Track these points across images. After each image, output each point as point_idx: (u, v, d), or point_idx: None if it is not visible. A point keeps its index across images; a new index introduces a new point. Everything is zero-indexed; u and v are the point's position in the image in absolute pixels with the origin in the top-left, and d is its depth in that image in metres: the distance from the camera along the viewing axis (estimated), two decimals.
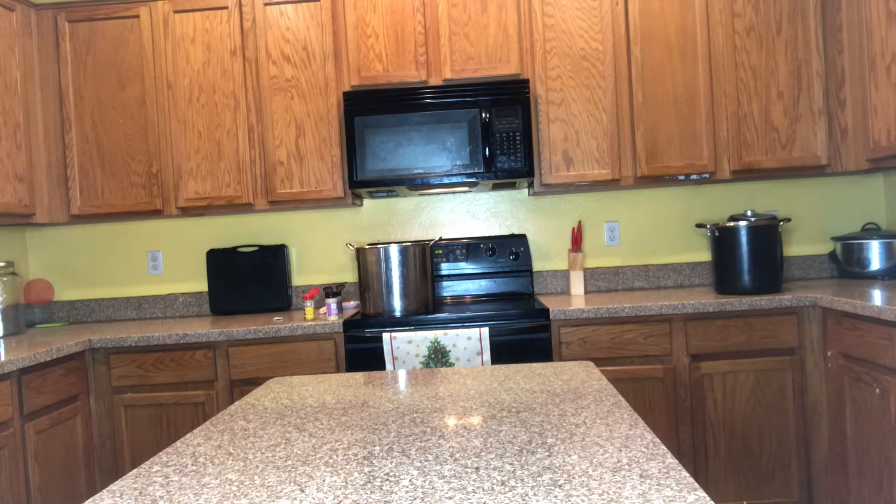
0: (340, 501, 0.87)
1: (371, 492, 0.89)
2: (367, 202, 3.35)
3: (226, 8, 3.01)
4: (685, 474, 0.88)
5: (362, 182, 2.88)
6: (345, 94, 2.88)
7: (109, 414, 2.73)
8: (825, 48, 2.88)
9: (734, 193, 3.27)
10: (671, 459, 0.94)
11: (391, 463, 1.00)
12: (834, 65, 2.84)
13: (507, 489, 0.87)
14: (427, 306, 2.80)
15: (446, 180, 2.85)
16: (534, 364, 1.67)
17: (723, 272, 2.80)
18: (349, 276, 3.36)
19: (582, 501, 0.82)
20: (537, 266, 3.32)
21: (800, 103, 2.90)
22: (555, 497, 0.83)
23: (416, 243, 2.79)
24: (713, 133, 2.92)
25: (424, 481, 0.92)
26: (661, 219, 3.30)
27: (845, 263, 3.04)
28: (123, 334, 2.73)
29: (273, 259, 3.25)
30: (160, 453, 1.12)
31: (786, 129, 2.90)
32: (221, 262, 3.26)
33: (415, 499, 0.86)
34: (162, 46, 3.02)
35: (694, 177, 2.94)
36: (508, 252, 3.20)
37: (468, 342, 2.57)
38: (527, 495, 0.84)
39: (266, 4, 2.99)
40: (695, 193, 3.28)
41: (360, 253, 2.81)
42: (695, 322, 2.63)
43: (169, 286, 3.40)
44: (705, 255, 3.29)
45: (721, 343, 2.62)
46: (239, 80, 3.00)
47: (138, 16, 3.02)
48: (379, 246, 2.77)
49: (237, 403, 1.46)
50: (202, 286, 3.39)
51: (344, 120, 2.96)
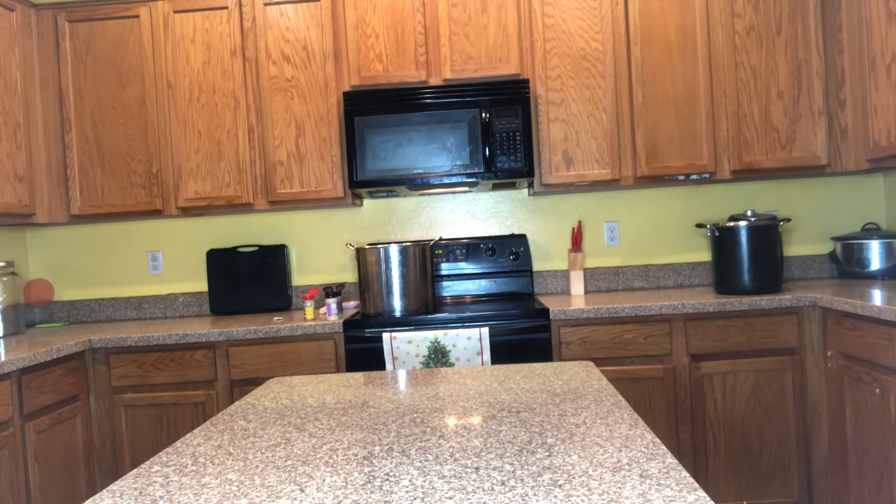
0: (340, 501, 0.87)
1: (371, 492, 0.89)
2: (367, 202, 3.35)
3: (226, 8, 3.01)
4: (685, 474, 0.88)
5: (362, 182, 2.88)
6: (345, 94, 2.88)
7: (109, 414, 2.73)
8: (825, 48, 2.88)
9: (734, 193, 3.27)
10: (671, 459, 0.94)
11: (391, 463, 1.00)
12: (834, 65, 2.84)
13: (507, 489, 0.87)
14: (427, 306, 2.81)
15: (446, 180, 2.85)
16: (534, 364, 1.67)
17: (723, 272, 2.80)
18: (349, 276, 3.36)
19: (582, 501, 0.82)
20: (537, 266, 3.32)
21: (800, 103, 2.90)
22: (555, 497, 0.83)
23: (416, 243, 2.79)
24: (713, 133, 2.92)
25: (424, 481, 0.92)
26: (661, 219, 3.30)
27: (845, 263, 3.04)
28: (123, 334, 2.73)
29: (273, 259, 3.25)
30: (160, 453, 1.12)
31: (786, 129, 2.90)
32: (221, 262, 3.26)
33: (415, 499, 0.86)
34: (162, 46, 3.02)
35: (694, 177, 2.94)
36: (508, 252, 3.20)
37: (468, 342, 2.57)
38: (527, 495, 0.84)
39: (266, 4, 2.99)
40: (695, 193, 3.28)
41: (360, 253, 2.81)
42: (695, 322, 2.63)
43: (169, 286, 3.40)
44: (705, 255, 3.29)
45: (721, 343, 2.62)
46: (239, 80, 3.01)
47: (138, 16, 3.03)
48: (379, 246, 2.77)
49: (237, 403, 1.46)
50: (202, 286, 3.39)
51: (344, 120, 2.96)
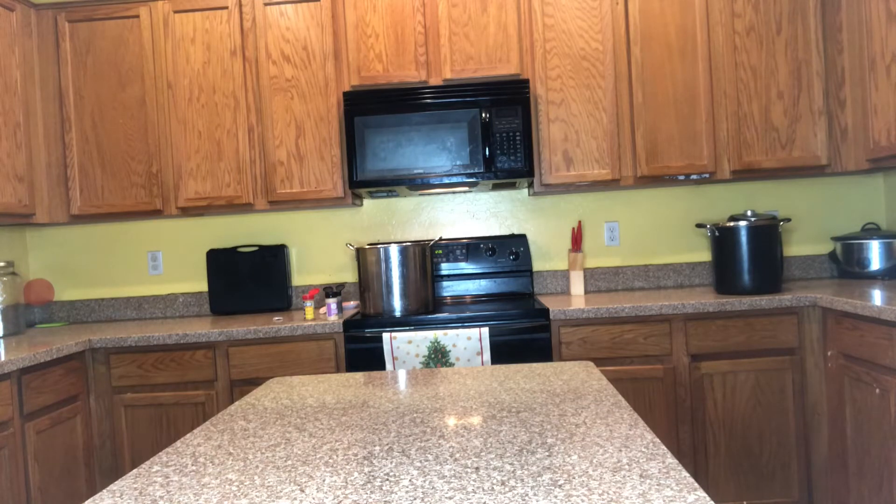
0: (340, 501, 0.87)
1: (371, 492, 0.89)
2: (367, 202, 3.35)
3: (226, 8, 3.01)
4: (685, 474, 0.88)
5: (362, 182, 2.88)
6: (345, 94, 2.88)
7: (109, 414, 2.73)
8: (825, 48, 2.88)
9: (734, 193, 3.27)
10: (671, 459, 0.94)
11: (391, 463, 1.00)
12: (834, 65, 2.84)
13: (507, 489, 0.87)
14: (427, 306, 2.80)
15: (446, 180, 2.85)
16: (534, 364, 1.67)
17: (723, 272, 2.80)
18: (349, 276, 3.36)
19: (582, 501, 0.82)
20: (537, 266, 3.32)
21: (800, 103, 2.90)
22: (555, 497, 0.83)
23: (416, 243, 2.79)
24: (713, 133, 2.92)
25: (424, 481, 0.92)
26: (661, 219, 3.30)
27: (845, 263, 3.04)
28: (123, 334, 2.73)
29: (273, 259, 3.25)
30: (160, 453, 1.12)
31: (786, 129, 2.90)
32: (221, 262, 3.26)
33: (415, 499, 0.86)
34: (162, 46, 3.02)
35: (694, 177, 2.94)
36: (508, 252, 3.20)
37: (468, 342, 2.57)
38: (527, 495, 0.84)
39: (266, 4, 2.99)
40: (695, 193, 3.28)
41: (360, 253, 2.81)
42: (695, 322, 2.63)
43: (169, 286, 3.40)
44: (705, 255, 3.29)
45: (721, 343, 2.62)
46: (239, 80, 3.01)
47: (138, 16, 3.03)
48: (379, 246, 2.77)
49: (237, 403, 1.46)
50: (202, 286, 3.39)
51: (344, 120, 2.96)
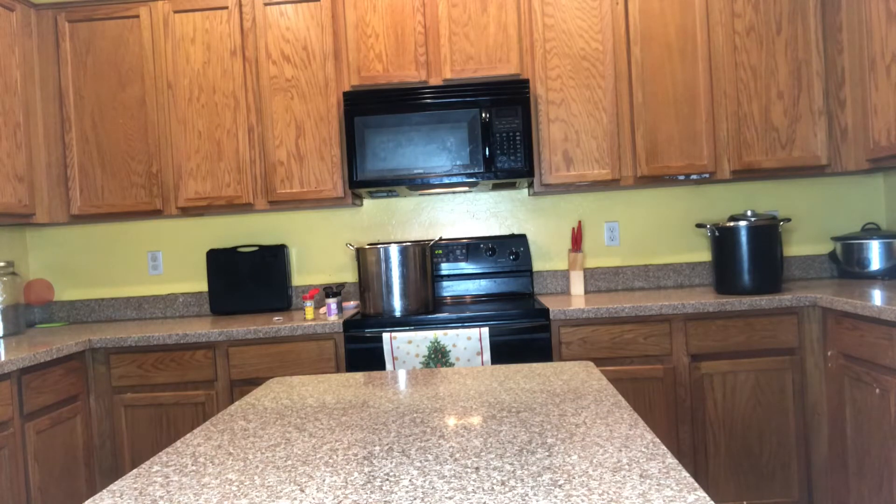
0: (340, 501, 0.87)
1: (371, 492, 0.89)
2: (367, 202, 3.35)
3: (226, 8, 3.01)
4: (685, 474, 0.88)
5: (362, 182, 2.88)
6: (345, 94, 2.88)
7: (109, 414, 2.73)
8: (825, 48, 2.88)
9: (734, 193, 3.27)
10: (671, 459, 0.94)
11: (391, 463, 1.00)
12: (834, 65, 2.84)
13: (507, 489, 0.87)
14: (427, 306, 2.80)
15: (446, 180, 2.85)
16: (534, 364, 1.67)
17: (723, 272, 2.80)
18: (349, 276, 3.36)
19: (582, 501, 0.82)
20: (537, 266, 3.32)
21: (800, 103, 2.90)
22: (555, 497, 0.83)
23: (416, 243, 2.79)
24: (713, 133, 2.92)
25: (424, 481, 0.92)
26: (661, 219, 3.30)
27: (845, 263, 3.04)
28: (123, 334, 2.73)
29: (273, 259, 3.25)
30: (160, 453, 1.12)
31: (786, 129, 2.90)
32: (221, 262, 3.26)
33: (415, 499, 0.86)
34: (162, 46, 3.02)
35: (694, 177, 2.94)
36: (508, 252, 3.20)
37: (468, 342, 2.57)
38: (527, 495, 0.84)
39: (266, 4, 2.99)
40: (695, 193, 3.28)
41: (360, 253, 2.81)
42: (695, 322, 2.63)
43: (169, 286, 3.40)
44: (705, 255, 3.29)
45: (721, 343, 2.62)
46: (239, 80, 3.00)
47: (138, 16, 3.03)
48: (379, 246, 2.77)
49: (237, 403, 1.46)
50: (202, 286, 3.39)
51: (344, 120, 2.96)
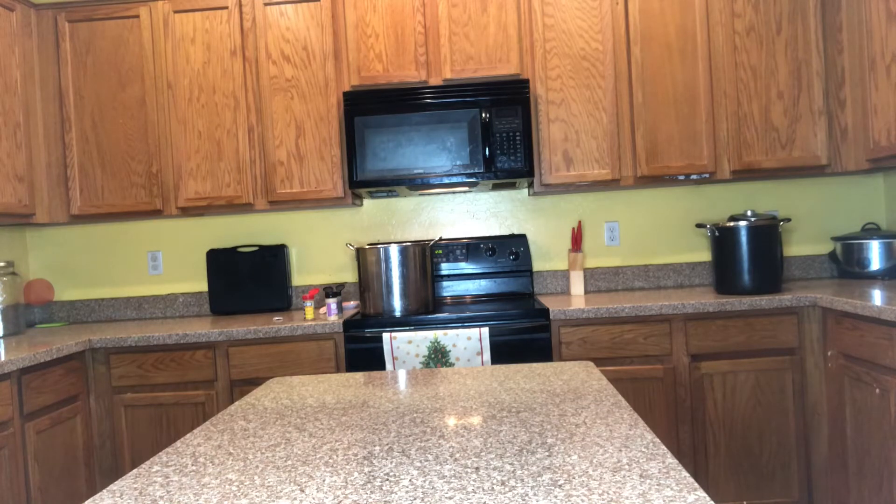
0: (340, 501, 0.87)
1: (371, 492, 0.89)
2: (367, 202, 3.35)
3: (226, 8, 3.01)
4: (685, 474, 0.88)
5: (362, 182, 2.88)
6: (345, 94, 2.88)
7: (109, 414, 2.73)
8: (825, 48, 2.88)
9: (734, 193, 3.27)
10: (671, 459, 0.94)
11: (391, 463, 1.00)
12: (834, 65, 2.84)
13: (507, 489, 0.87)
14: (427, 306, 2.80)
15: (446, 180, 2.85)
16: (534, 364, 1.67)
17: (723, 272, 2.80)
18: (349, 276, 3.36)
19: (582, 501, 0.82)
20: (537, 266, 3.32)
21: (800, 103, 2.90)
22: (555, 497, 0.83)
23: (416, 243, 2.79)
24: (713, 133, 2.92)
25: (424, 481, 0.92)
26: (661, 219, 3.30)
27: (845, 263, 3.04)
28: (123, 334, 2.73)
29: (273, 259, 3.25)
30: (160, 453, 1.12)
31: (786, 129, 2.90)
32: (221, 262, 3.26)
33: (415, 499, 0.86)
34: (162, 46, 3.02)
35: (694, 177, 2.94)
36: (508, 252, 3.20)
37: (468, 342, 2.57)
38: (527, 495, 0.84)
39: (266, 4, 2.99)
40: (695, 193, 3.28)
41: (360, 253, 2.81)
42: (695, 322, 2.63)
43: (169, 286, 3.40)
44: (705, 255, 3.29)
45: (721, 343, 2.62)
46: (239, 80, 3.00)
47: (138, 16, 3.03)
48: (379, 246, 2.77)
49: (237, 403, 1.46)
50: (202, 286, 3.39)
51: (344, 120, 2.96)
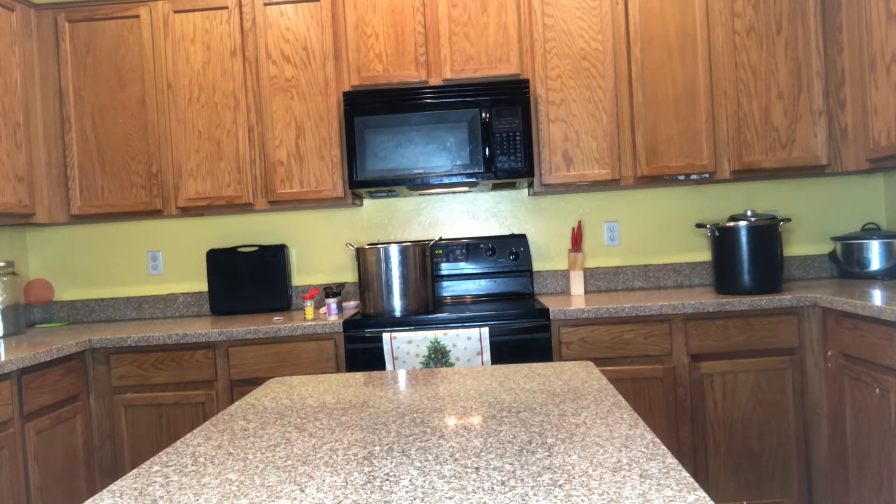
0: (340, 501, 0.87)
1: (371, 492, 0.89)
2: (367, 202, 3.35)
3: (226, 8, 3.01)
4: (685, 474, 0.88)
5: (362, 182, 2.88)
6: (345, 94, 2.88)
7: (109, 414, 2.73)
8: (825, 48, 2.88)
9: (734, 193, 3.27)
10: (671, 459, 0.94)
11: (391, 463, 1.00)
12: (834, 65, 2.84)
13: (507, 489, 0.87)
14: (427, 306, 2.80)
15: (446, 180, 2.85)
16: (534, 364, 1.67)
17: (723, 272, 2.80)
18: (349, 276, 3.36)
19: (582, 501, 0.82)
20: (537, 266, 3.32)
21: (800, 103, 2.90)
22: (555, 497, 0.83)
23: (416, 243, 2.79)
24: (713, 133, 2.92)
25: (424, 481, 0.92)
26: (661, 219, 3.30)
27: (845, 263, 3.04)
28: (123, 334, 2.73)
29: (273, 259, 3.25)
30: (160, 453, 1.12)
31: (786, 129, 2.90)
32: (221, 262, 3.26)
33: (415, 499, 0.86)
34: (162, 46, 3.02)
35: (694, 177, 2.94)
36: (508, 252, 3.20)
37: (468, 342, 2.57)
38: (527, 495, 0.84)
39: (266, 4, 2.99)
40: (695, 193, 3.28)
41: (360, 253, 2.81)
42: (695, 322, 2.63)
43: (169, 286, 3.40)
44: (705, 255, 3.29)
45: (721, 343, 2.62)
46: (239, 80, 3.00)
47: (138, 16, 3.03)
48: (379, 246, 2.77)
49: (237, 403, 1.46)
50: (202, 286, 3.39)
51: (344, 120, 2.96)
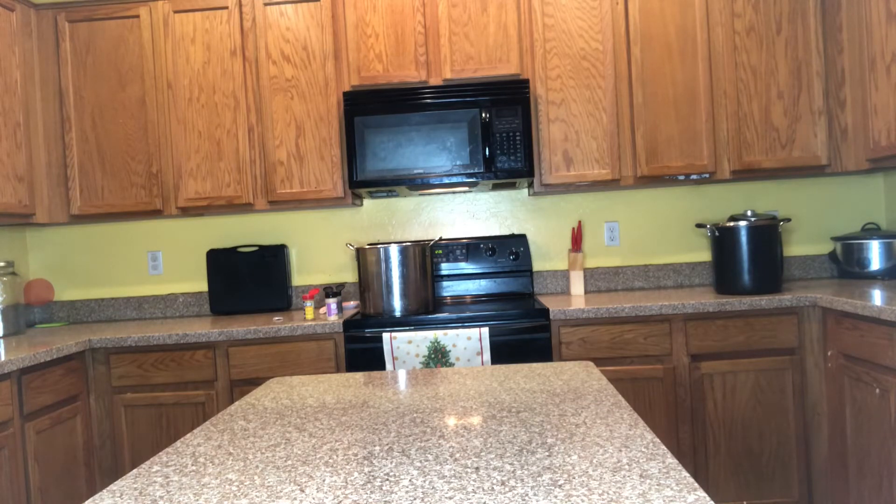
0: (340, 501, 0.87)
1: (371, 492, 0.89)
2: (367, 202, 3.35)
3: (226, 8, 3.01)
4: (685, 474, 0.88)
5: (362, 182, 2.88)
6: (345, 94, 2.88)
7: (109, 414, 2.73)
8: (825, 48, 2.88)
9: (734, 193, 3.27)
10: (671, 459, 0.94)
11: (391, 463, 1.00)
12: (834, 65, 2.84)
13: (507, 489, 0.87)
14: (427, 306, 2.80)
15: (446, 180, 2.85)
16: (534, 364, 1.67)
17: (723, 272, 2.80)
18: (349, 276, 3.36)
19: (582, 501, 0.81)
20: (537, 266, 3.32)
21: (800, 103, 2.90)
22: (555, 497, 0.83)
23: (416, 243, 2.79)
24: (713, 133, 2.92)
25: (424, 481, 0.92)
26: (661, 219, 3.30)
27: (845, 263, 3.04)
28: (123, 334, 2.73)
29: (273, 259, 3.25)
30: (160, 453, 1.12)
31: (786, 129, 2.90)
32: (221, 262, 3.26)
33: (415, 499, 0.86)
34: (162, 46, 3.02)
35: (694, 177, 2.94)
36: (508, 252, 3.20)
37: (468, 342, 2.57)
38: (527, 495, 0.84)
39: (266, 4, 2.99)
40: (695, 193, 3.28)
41: (360, 253, 2.81)
42: (695, 322, 2.63)
43: (169, 286, 3.40)
44: (705, 255, 3.29)
45: (721, 343, 2.62)
46: (239, 80, 3.00)
47: (138, 16, 3.03)
48: (379, 246, 2.77)
49: (237, 403, 1.46)
50: (202, 286, 3.39)
51: (344, 120, 2.96)
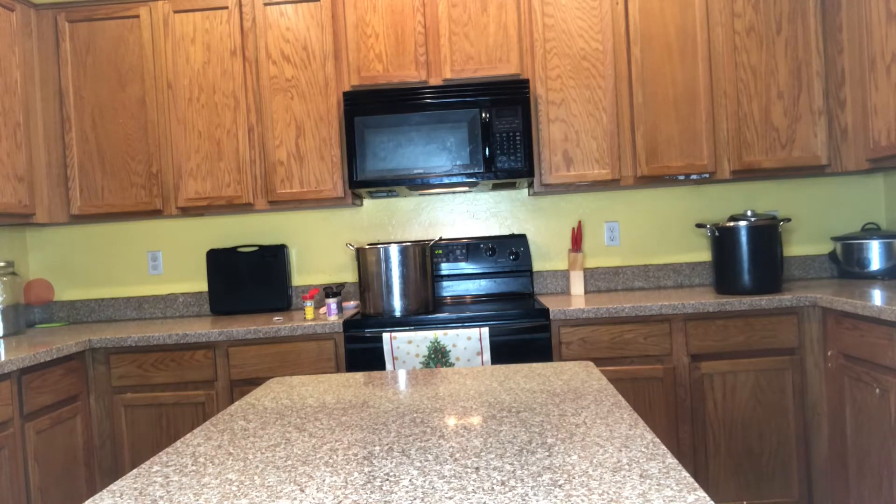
0: (340, 501, 0.87)
1: (371, 492, 0.89)
2: (367, 202, 3.35)
3: (226, 8, 3.01)
4: (685, 474, 0.88)
5: (362, 182, 2.88)
6: (345, 94, 2.88)
7: (109, 414, 2.73)
8: (825, 48, 2.88)
9: (734, 193, 3.27)
10: (671, 459, 0.94)
11: (391, 463, 1.00)
12: (834, 65, 2.84)
13: (507, 489, 0.87)
14: (427, 306, 2.80)
15: (446, 180, 2.85)
16: (534, 364, 1.67)
17: (723, 272, 2.80)
18: (349, 276, 3.36)
19: (582, 501, 0.82)
20: (537, 266, 3.32)
21: (800, 103, 2.90)
22: (555, 497, 0.83)
23: (416, 243, 2.79)
24: (713, 133, 2.92)
25: (424, 481, 0.92)
26: (661, 219, 3.30)
27: (845, 263, 3.04)
28: (123, 334, 2.73)
29: (273, 259, 3.25)
30: (160, 453, 1.12)
31: (786, 129, 2.90)
32: (221, 262, 3.26)
33: (415, 499, 0.86)
34: (162, 46, 3.02)
35: (694, 177, 2.94)
36: (508, 252, 3.20)
37: (468, 342, 2.57)
38: (527, 495, 0.84)
39: (266, 4, 2.99)
40: (695, 193, 3.28)
41: (360, 253, 2.81)
42: (695, 322, 2.63)
43: (169, 286, 3.40)
44: (705, 255, 3.29)
45: (721, 343, 2.62)
46: (239, 80, 3.00)
47: (138, 16, 3.03)
48: (379, 246, 2.77)
49: (237, 403, 1.46)
50: (202, 286, 3.39)
51: (344, 120, 2.96)
